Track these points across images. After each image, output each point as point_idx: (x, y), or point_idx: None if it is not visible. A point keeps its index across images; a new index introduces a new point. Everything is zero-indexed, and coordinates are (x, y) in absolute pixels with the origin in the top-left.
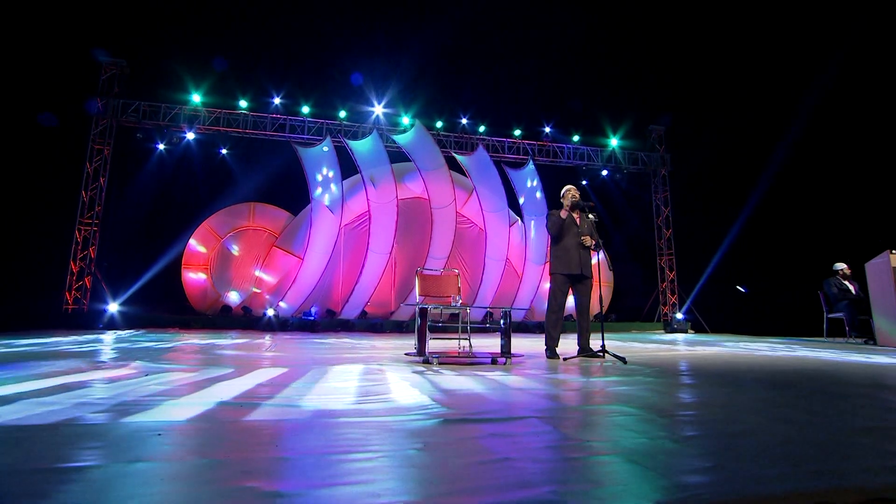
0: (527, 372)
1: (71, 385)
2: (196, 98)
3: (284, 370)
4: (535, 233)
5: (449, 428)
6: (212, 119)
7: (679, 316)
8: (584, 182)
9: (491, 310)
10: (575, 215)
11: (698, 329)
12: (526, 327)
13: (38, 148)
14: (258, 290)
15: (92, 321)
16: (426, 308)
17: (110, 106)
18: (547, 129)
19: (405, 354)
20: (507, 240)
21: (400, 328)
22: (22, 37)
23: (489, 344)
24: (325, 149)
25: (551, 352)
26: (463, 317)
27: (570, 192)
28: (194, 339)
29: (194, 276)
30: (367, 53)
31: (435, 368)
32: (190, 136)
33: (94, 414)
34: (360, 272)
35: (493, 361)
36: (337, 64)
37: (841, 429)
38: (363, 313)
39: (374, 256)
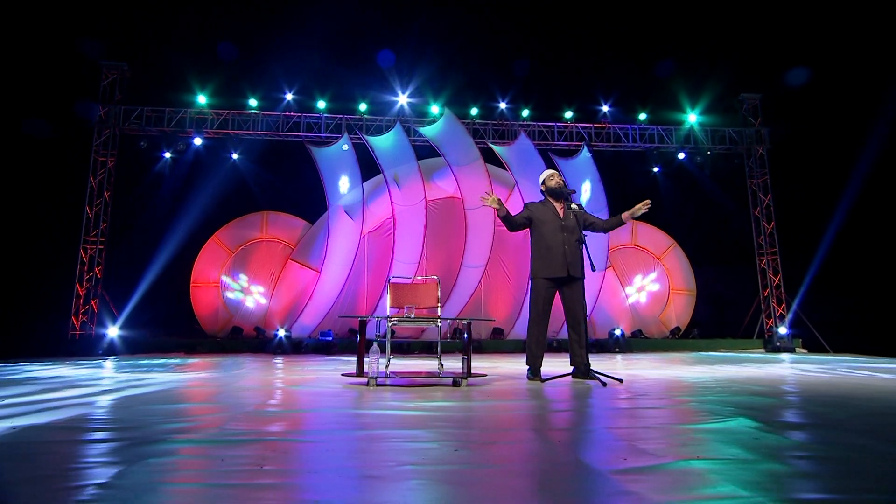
0: (459, 395)
1: None
2: (202, 99)
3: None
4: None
5: None
6: (220, 121)
7: (782, 330)
8: (655, 169)
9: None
10: (558, 206)
11: (813, 347)
12: None
13: (39, 163)
14: (272, 309)
15: (92, 347)
16: (365, 320)
17: (112, 113)
18: (605, 109)
19: (342, 375)
20: None
21: (430, 348)
22: (18, 43)
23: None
24: (345, 147)
25: (533, 372)
26: (415, 333)
27: (553, 178)
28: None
29: (204, 296)
30: (388, 35)
31: (373, 390)
32: (197, 141)
33: None
34: (385, 285)
35: (455, 383)
36: (355, 49)
37: None
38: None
39: (400, 267)
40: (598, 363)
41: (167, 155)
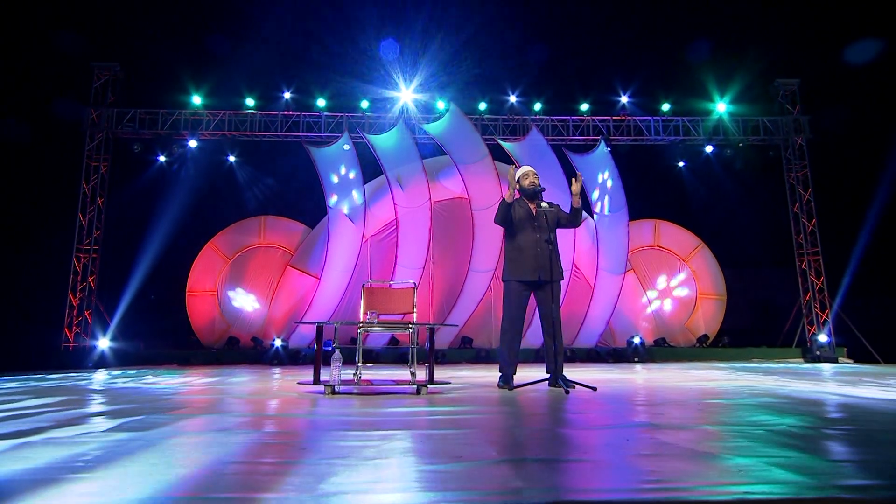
0: (406, 402)
1: None
2: (197, 100)
3: None
4: (610, 233)
5: None
6: (215, 122)
7: (822, 338)
8: (681, 163)
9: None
10: (532, 206)
11: (861, 357)
12: (597, 355)
13: (30, 169)
14: (271, 318)
15: (83, 359)
16: (322, 325)
17: (105, 116)
18: (624, 100)
19: (297, 384)
20: (573, 243)
21: (437, 358)
22: (6, 44)
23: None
24: (346, 147)
25: (505, 380)
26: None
27: (527, 176)
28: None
29: (200, 305)
30: (391, 26)
31: (328, 398)
32: (192, 143)
33: None
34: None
35: (418, 391)
36: (356, 43)
37: None
38: (393, 341)
39: (403, 272)
40: (608, 373)
41: (162, 158)
